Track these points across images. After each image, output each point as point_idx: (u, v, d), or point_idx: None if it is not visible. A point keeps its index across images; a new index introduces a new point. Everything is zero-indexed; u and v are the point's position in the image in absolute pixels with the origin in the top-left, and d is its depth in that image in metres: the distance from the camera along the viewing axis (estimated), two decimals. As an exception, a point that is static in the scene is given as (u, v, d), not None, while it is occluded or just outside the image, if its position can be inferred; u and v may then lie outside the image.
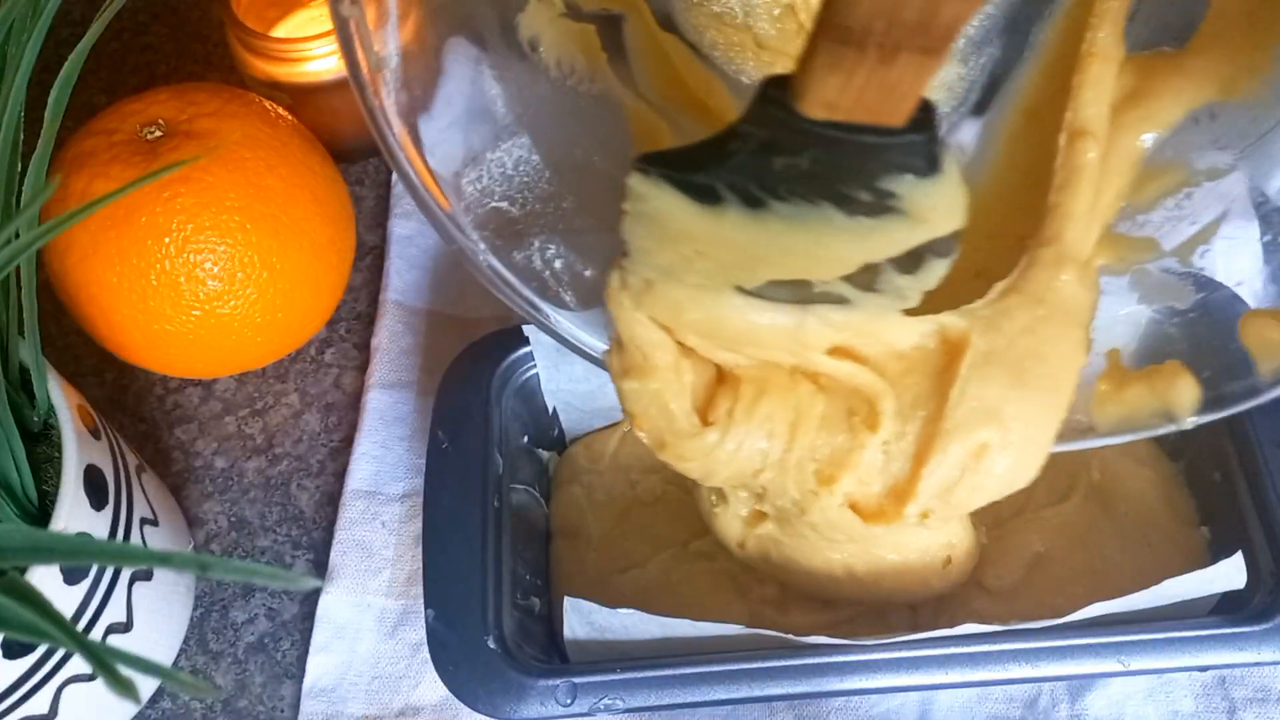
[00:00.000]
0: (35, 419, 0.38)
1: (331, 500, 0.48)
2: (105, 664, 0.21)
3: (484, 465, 0.41)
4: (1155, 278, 0.36)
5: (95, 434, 0.39)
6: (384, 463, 0.48)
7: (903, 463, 0.33)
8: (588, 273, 0.36)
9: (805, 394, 0.33)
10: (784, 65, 0.34)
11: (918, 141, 0.25)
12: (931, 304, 0.31)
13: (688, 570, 0.43)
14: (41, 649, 0.35)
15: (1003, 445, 0.32)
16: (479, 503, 0.40)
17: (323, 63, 0.51)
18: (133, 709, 0.43)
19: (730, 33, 0.35)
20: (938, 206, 0.27)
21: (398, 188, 0.55)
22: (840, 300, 0.29)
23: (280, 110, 0.47)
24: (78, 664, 0.37)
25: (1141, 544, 0.42)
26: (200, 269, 0.43)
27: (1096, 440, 0.36)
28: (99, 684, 0.24)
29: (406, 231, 0.53)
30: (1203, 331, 0.36)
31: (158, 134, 0.43)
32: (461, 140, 0.34)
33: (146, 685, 0.44)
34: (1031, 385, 0.32)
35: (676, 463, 0.34)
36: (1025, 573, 0.42)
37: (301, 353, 0.52)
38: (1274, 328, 0.35)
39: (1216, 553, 0.41)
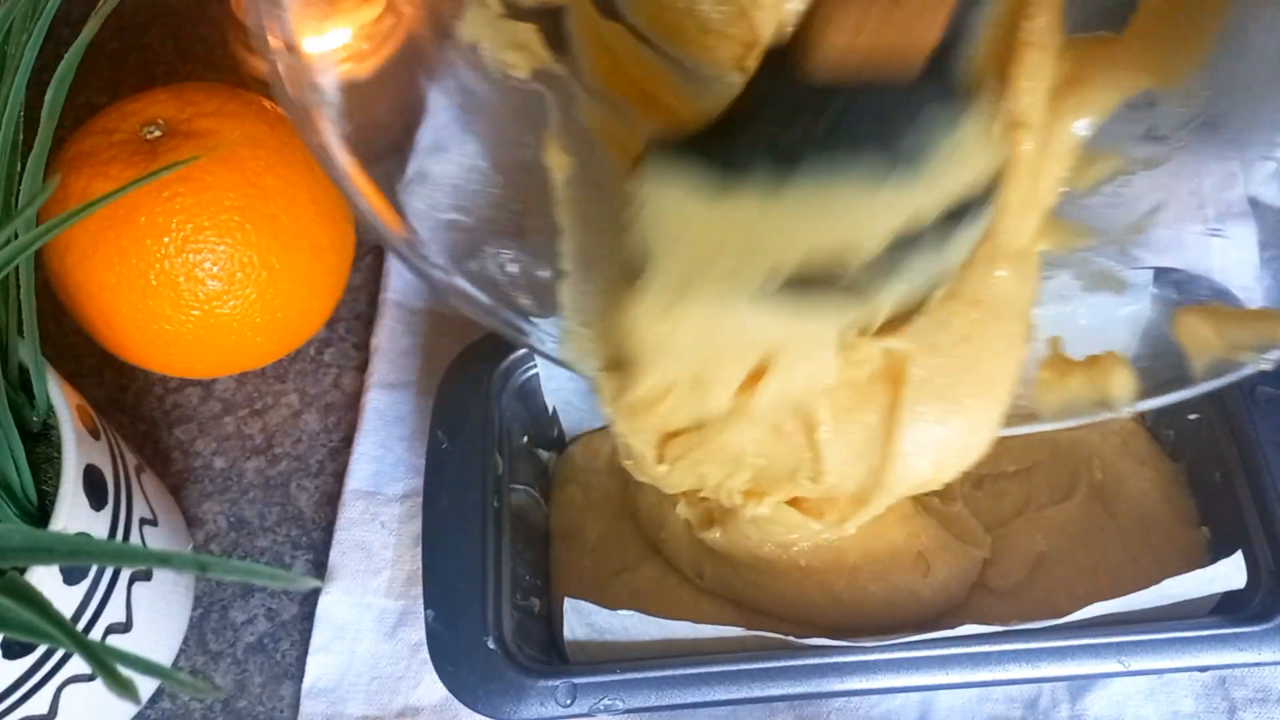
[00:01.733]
0: (35, 419, 0.38)
1: (331, 500, 0.48)
2: (105, 664, 0.21)
3: (484, 465, 0.41)
4: (1095, 265, 0.37)
5: (95, 434, 0.38)
6: (384, 463, 0.48)
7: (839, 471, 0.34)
8: (543, 274, 0.35)
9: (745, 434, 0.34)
10: (728, 49, 0.34)
11: (938, 88, 0.24)
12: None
13: (679, 575, 0.43)
14: (41, 649, 0.35)
15: (943, 444, 0.33)
16: (479, 503, 0.40)
17: (322, 62, 0.51)
18: (132, 709, 0.43)
19: (672, 16, 0.34)
20: (968, 150, 0.25)
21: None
22: (866, 288, 0.27)
23: (280, 110, 0.47)
24: (78, 664, 0.37)
25: (1142, 543, 0.42)
26: (200, 269, 0.43)
27: (1040, 425, 0.36)
28: (99, 684, 0.24)
29: (406, 231, 0.53)
30: (1144, 321, 0.37)
31: (157, 134, 0.43)
32: (410, 158, 0.34)
33: (146, 685, 0.44)
34: (970, 394, 0.33)
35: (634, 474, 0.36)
36: (1028, 572, 0.42)
37: (301, 353, 0.52)
38: (1204, 325, 0.35)
39: (1216, 553, 0.41)
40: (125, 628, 0.39)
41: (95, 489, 0.37)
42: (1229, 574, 0.37)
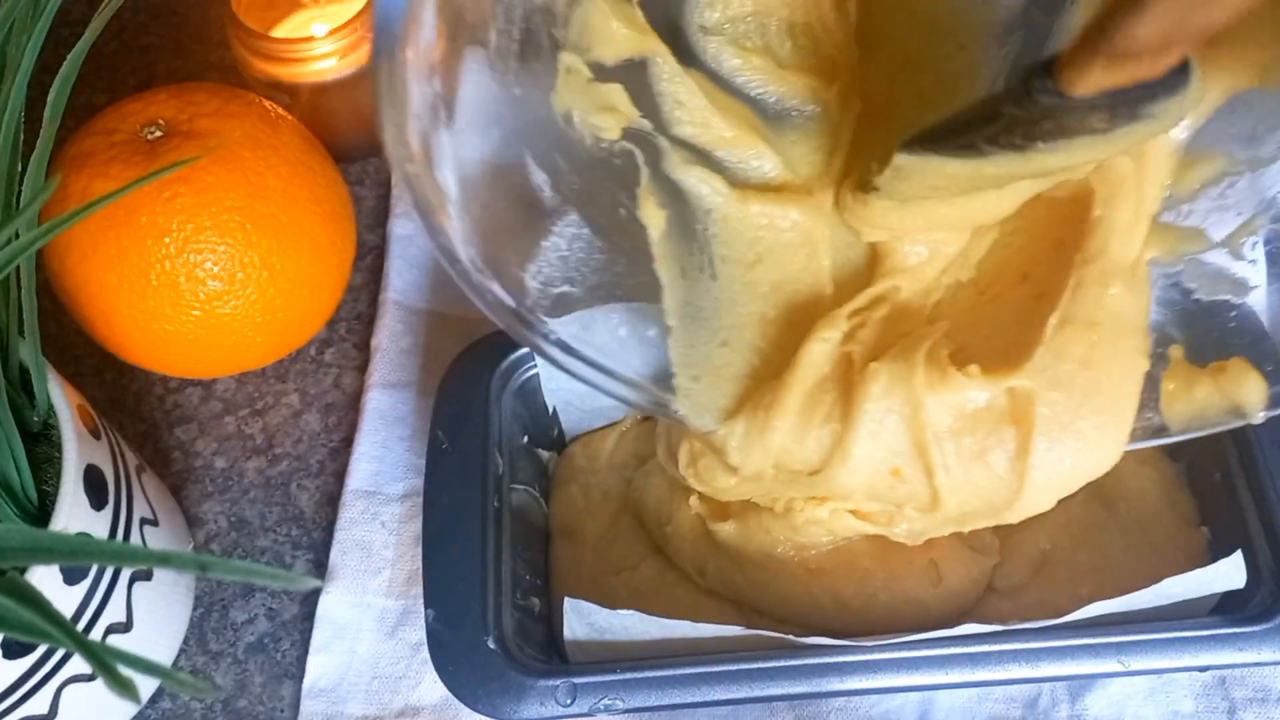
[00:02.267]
0: (35, 419, 0.38)
1: (331, 500, 0.48)
2: (105, 664, 0.21)
3: (484, 465, 0.41)
4: (1208, 268, 0.37)
5: (95, 434, 0.39)
6: (384, 463, 0.48)
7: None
8: (650, 333, 0.36)
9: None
10: (806, 83, 0.36)
11: (1176, 76, 0.27)
12: (982, 311, 0.34)
13: (678, 574, 0.43)
14: (41, 649, 0.35)
15: (1071, 474, 0.34)
16: (479, 503, 0.40)
17: (323, 63, 0.51)
18: (133, 709, 0.43)
19: (750, 57, 0.36)
20: (1186, 105, 0.28)
21: (398, 188, 0.55)
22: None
23: (280, 110, 0.47)
24: (78, 664, 0.37)
25: (1144, 543, 0.42)
26: (200, 269, 0.43)
27: (1170, 438, 0.36)
28: (99, 684, 0.24)
29: (406, 231, 0.53)
30: (1258, 326, 0.37)
31: (158, 134, 0.43)
32: (519, 241, 0.35)
33: (146, 685, 0.44)
34: (1096, 420, 0.33)
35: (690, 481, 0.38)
36: (1032, 572, 0.42)
37: (301, 353, 0.52)
38: None
39: (1217, 553, 0.41)
40: (125, 628, 0.39)
41: (95, 489, 0.37)
42: (1229, 574, 0.37)
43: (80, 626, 0.37)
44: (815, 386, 0.34)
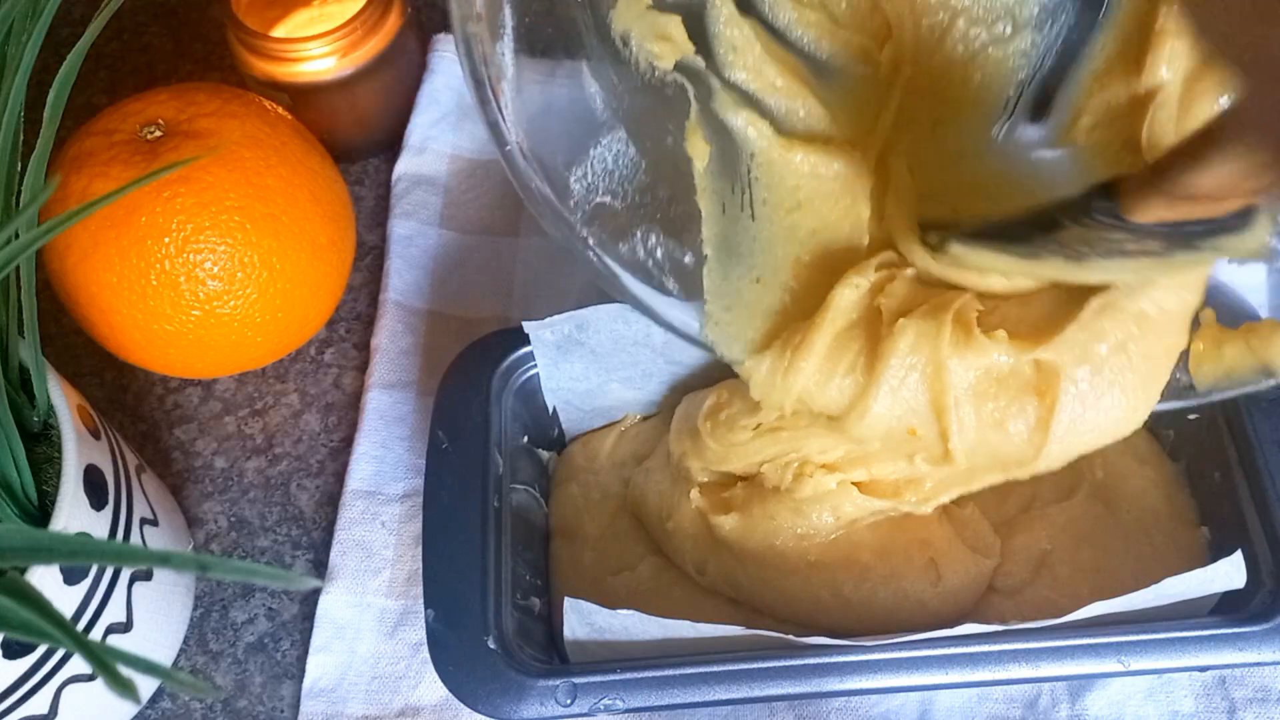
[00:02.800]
0: (35, 419, 0.38)
1: (331, 500, 0.48)
2: (105, 664, 0.21)
3: (484, 465, 0.41)
4: None
5: (95, 434, 0.39)
6: (384, 463, 0.48)
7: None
8: (686, 259, 0.37)
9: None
10: (859, 41, 0.37)
11: (1239, 218, 0.28)
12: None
13: (677, 574, 0.43)
14: (41, 649, 0.35)
15: (1089, 442, 0.34)
16: (479, 503, 0.40)
17: (323, 63, 0.51)
18: (133, 709, 0.43)
19: (807, 11, 0.36)
20: (1246, 245, 0.28)
21: (398, 187, 0.55)
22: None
23: (280, 110, 0.47)
24: (78, 664, 0.37)
25: (1144, 543, 0.42)
26: (200, 269, 0.43)
27: (1195, 399, 0.37)
28: (99, 684, 0.24)
29: (406, 231, 0.53)
30: None
31: (158, 134, 0.43)
32: (567, 141, 0.36)
33: (146, 685, 0.44)
34: (1121, 397, 0.34)
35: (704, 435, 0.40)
36: (1033, 572, 0.42)
37: (301, 353, 0.52)
38: None
39: (1217, 552, 0.41)
40: (125, 628, 0.39)
41: (95, 489, 0.37)
42: (1229, 574, 0.37)
43: (80, 626, 0.37)
44: (843, 332, 0.35)
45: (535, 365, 0.44)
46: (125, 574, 0.38)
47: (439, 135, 0.56)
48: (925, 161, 0.37)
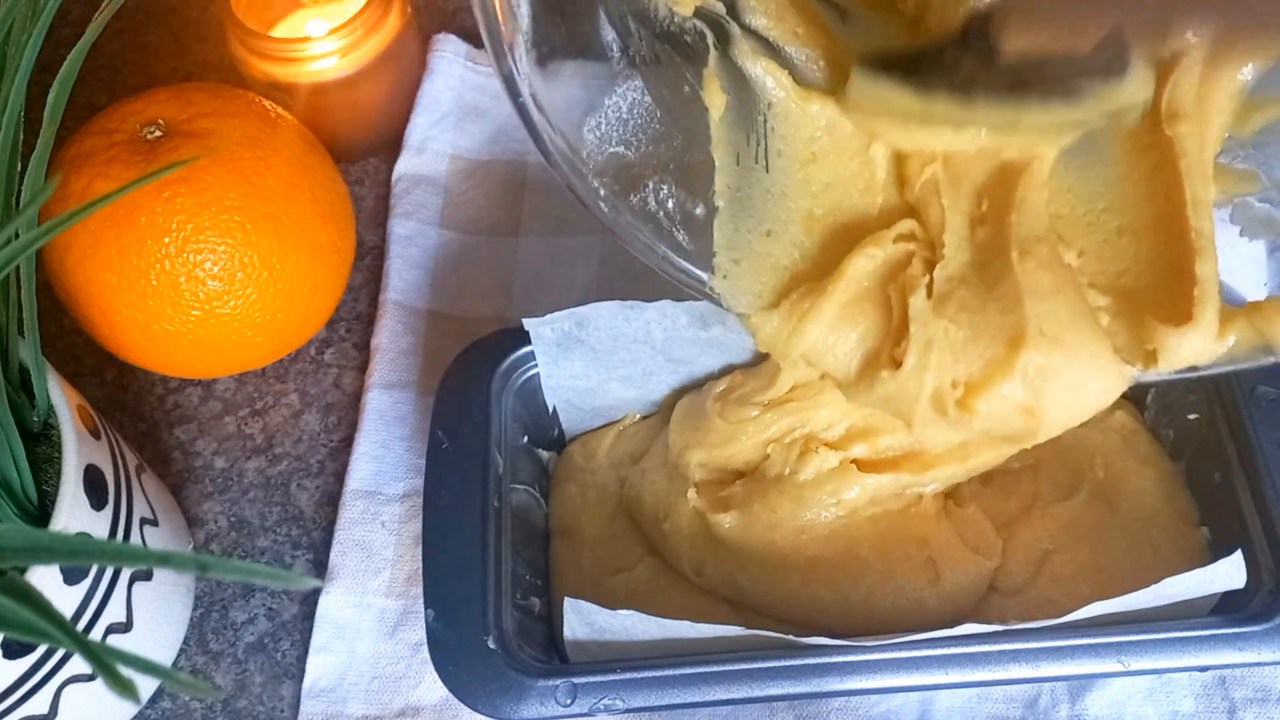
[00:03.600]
0: (35, 419, 0.38)
1: (331, 500, 0.48)
2: (105, 664, 0.21)
3: (484, 465, 0.41)
4: (1257, 211, 0.37)
5: (95, 434, 0.39)
6: (384, 463, 0.48)
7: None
8: (698, 210, 0.37)
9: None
10: None
11: (1109, 57, 0.28)
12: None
13: (674, 574, 0.43)
14: (41, 649, 0.35)
15: (1082, 410, 0.34)
16: (479, 503, 0.40)
17: (323, 63, 0.51)
18: (133, 709, 0.43)
19: None
20: (1129, 90, 0.29)
21: (397, 187, 0.55)
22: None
23: (280, 110, 0.47)
24: (78, 664, 0.37)
25: (1145, 543, 0.42)
26: (200, 269, 0.43)
27: (1195, 373, 0.36)
28: (99, 684, 0.24)
29: (406, 231, 0.53)
30: None
31: (157, 134, 0.43)
32: (582, 90, 0.36)
33: (146, 685, 0.44)
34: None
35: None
36: (1033, 571, 0.42)
37: (301, 353, 0.52)
38: None
39: (1217, 553, 0.41)
40: (125, 628, 0.39)
41: (95, 489, 0.37)
42: (1229, 574, 0.37)
43: (80, 626, 0.37)
44: (852, 304, 0.35)
45: (535, 365, 0.44)
46: (125, 574, 0.38)
47: (439, 135, 0.56)
48: None
